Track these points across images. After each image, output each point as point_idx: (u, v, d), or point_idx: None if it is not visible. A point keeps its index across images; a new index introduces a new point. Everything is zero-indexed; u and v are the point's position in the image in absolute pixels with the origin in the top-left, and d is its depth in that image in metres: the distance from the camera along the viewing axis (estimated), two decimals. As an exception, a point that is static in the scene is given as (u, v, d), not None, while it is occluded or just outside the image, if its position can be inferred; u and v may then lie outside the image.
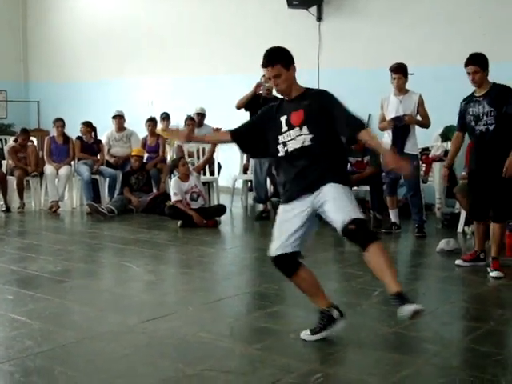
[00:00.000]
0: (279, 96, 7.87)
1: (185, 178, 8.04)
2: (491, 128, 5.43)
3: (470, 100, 5.61)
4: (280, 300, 4.83)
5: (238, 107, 8.10)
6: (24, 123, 12.83)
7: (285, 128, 3.82)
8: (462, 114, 5.67)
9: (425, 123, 7.14)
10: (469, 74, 5.48)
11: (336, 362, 3.67)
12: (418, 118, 7.12)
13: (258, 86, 7.96)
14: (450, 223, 7.61)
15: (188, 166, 8.18)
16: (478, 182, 5.62)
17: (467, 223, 7.20)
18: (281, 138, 3.83)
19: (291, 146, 3.79)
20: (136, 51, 11.98)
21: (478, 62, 5.45)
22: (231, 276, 5.82)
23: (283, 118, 3.85)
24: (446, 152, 8.19)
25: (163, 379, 3.39)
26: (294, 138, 3.78)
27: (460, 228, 7.32)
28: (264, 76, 8.07)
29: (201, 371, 3.47)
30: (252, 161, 8.24)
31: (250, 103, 7.97)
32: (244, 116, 8.49)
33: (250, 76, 9.89)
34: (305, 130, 3.76)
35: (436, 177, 8.15)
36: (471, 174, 5.77)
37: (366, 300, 4.77)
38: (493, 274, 5.41)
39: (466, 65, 5.49)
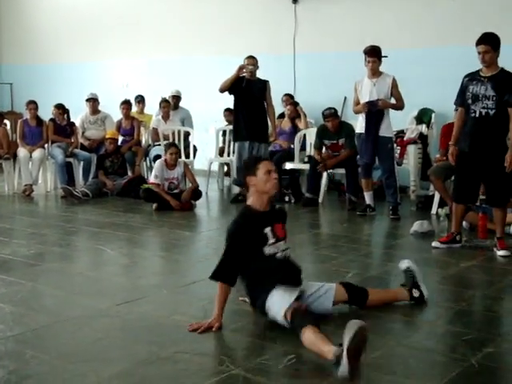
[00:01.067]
0: (262, 78, 7.99)
1: (171, 165, 7.99)
2: (491, 113, 5.39)
3: (473, 78, 5.52)
4: (254, 282, 4.82)
5: (222, 90, 8.07)
6: (-3, 106, 12.72)
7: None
8: (463, 89, 5.58)
9: (399, 106, 7.15)
10: (479, 53, 5.36)
11: (309, 343, 3.68)
12: (392, 100, 7.13)
13: (241, 68, 7.95)
14: (424, 205, 7.67)
15: (176, 157, 8.06)
16: (469, 165, 5.58)
17: (441, 205, 7.26)
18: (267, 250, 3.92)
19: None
20: (110, 33, 11.84)
21: (490, 42, 5.36)
22: (206, 259, 5.78)
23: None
24: (420, 135, 8.25)
25: (136, 362, 3.37)
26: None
27: (434, 210, 7.38)
28: (247, 58, 8.13)
29: (174, 354, 3.47)
30: (236, 144, 8.21)
31: (234, 86, 7.96)
32: (224, 99, 8.49)
33: (225, 58, 9.90)
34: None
35: (411, 159, 8.20)
36: (462, 155, 5.66)
37: (340, 282, 4.77)
38: (500, 252, 5.53)
39: (478, 43, 5.38)
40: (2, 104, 13.32)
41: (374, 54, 6.99)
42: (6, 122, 10.52)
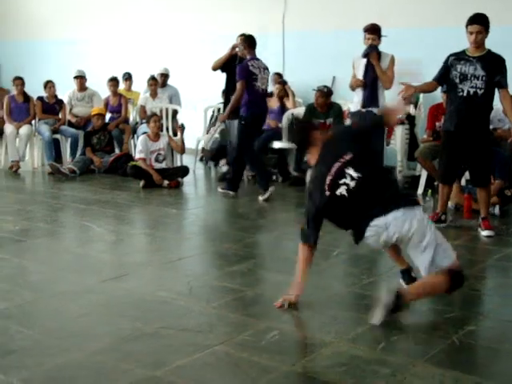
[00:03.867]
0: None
1: (154, 137, 7.98)
2: (480, 92, 5.42)
3: (460, 57, 5.53)
4: (239, 260, 4.85)
5: (214, 68, 8.02)
6: (-17, 82, 12.59)
7: None
8: (447, 68, 5.59)
9: (386, 79, 6.96)
10: (471, 33, 5.38)
11: (292, 320, 3.72)
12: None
13: (234, 47, 7.91)
14: (410, 186, 7.69)
15: (159, 124, 8.08)
16: (455, 145, 5.60)
17: (428, 186, 7.29)
18: None
19: None
20: (99, 9, 11.71)
21: (482, 22, 5.39)
22: (192, 236, 5.83)
23: None
24: (408, 115, 8.25)
25: (121, 337, 3.40)
26: None
27: (420, 190, 7.40)
28: (239, 37, 8.07)
29: (158, 329, 3.50)
30: (227, 122, 8.15)
31: (226, 64, 7.92)
32: (213, 77, 8.44)
33: (214, 35, 9.85)
34: None
35: (398, 140, 8.20)
36: (448, 135, 5.68)
37: (325, 260, 4.81)
38: (484, 233, 5.57)
39: (471, 23, 5.40)
40: (-11, 80, 13.19)
41: (374, 31, 6.91)
42: (-8, 97, 10.46)
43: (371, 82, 6.83)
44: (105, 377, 2.95)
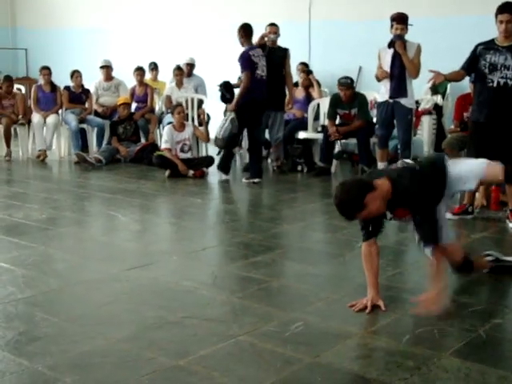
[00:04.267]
0: (283, 47, 7.82)
1: (179, 127, 7.99)
2: (510, 83, 5.35)
3: (489, 46, 5.45)
4: (264, 250, 4.84)
5: None
6: (11, 71, 12.64)
7: None
8: (475, 57, 5.51)
9: (413, 68, 6.88)
10: (501, 22, 5.32)
11: (317, 311, 3.69)
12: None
13: (263, 36, 7.89)
14: (437, 177, 7.60)
15: (184, 115, 8.10)
16: (484, 136, 5.53)
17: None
18: None
19: None
20: (129, 0, 11.77)
21: None
22: (216, 226, 5.83)
23: None
24: (435, 105, 8.16)
25: (145, 326, 3.41)
26: None
27: (447, 181, 7.31)
28: (269, 26, 8.04)
29: (182, 319, 3.50)
30: (272, 114, 8.14)
31: None
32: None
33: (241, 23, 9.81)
34: None
35: (425, 130, 8.14)
36: (477, 125, 5.61)
37: (350, 251, 4.79)
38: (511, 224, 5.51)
39: (501, 12, 5.32)
40: (17, 70, 13.28)
41: (401, 20, 6.85)
42: (21, 87, 10.55)
43: (398, 73, 6.77)
44: (129, 364, 2.95)
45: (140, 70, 9.65)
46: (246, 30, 7.48)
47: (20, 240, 4.96)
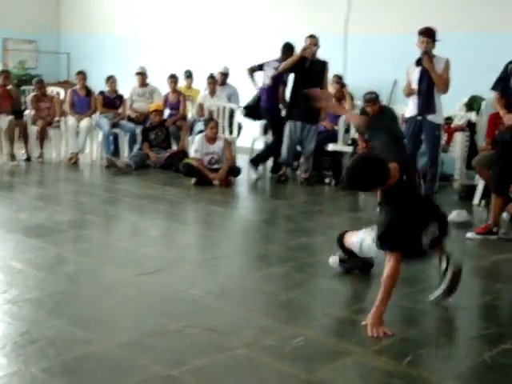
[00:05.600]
0: (322, 59, 7.92)
1: (211, 140, 8.00)
2: None
3: None
4: (278, 262, 4.80)
5: (283, 71, 8.11)
6: (54, 75, 12.89)
7: None
8: (507, 76, 5.42)
9: (442, 84, 6.77)
10: None
11: (321, 327, 3.62)
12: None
13: (305, 49, 7.90)
14: (467, 195, 7.45)
15: (216, 131, 8.08)
16: (510, 155, 5.42)
17: (484, 196, 7.05)
18: None
19: None
20: (162, 7, 11.87)
21: None
22: (234, 236, 5.81)
23: None
24: (468, 122, 8.01)
25: (145, 332, 3.39)
26: None
27: (476, 200, 7.17)
28: (309, 38, 8.04)
29: (183, 327, 3.47)
30: (288, 123, 8.13)
31: (296, 66, 7.94)
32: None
33: (275, 36, 9.80)
34: None
35: (457, 147, 7.98)
36: (503, 145, 5.50)
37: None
38: None
39: None
40: (59, 74, 13.49)
41: (426, 34, 6.75)
42: (59, 90, 10.71)
43: (426, 89, 6.67)
44: (120, 372, 2.93)
45: (173, 78, 9.70)
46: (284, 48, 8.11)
47: (38, 241, 5.00)
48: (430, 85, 6.68)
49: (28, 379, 2.84)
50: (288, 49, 8.18)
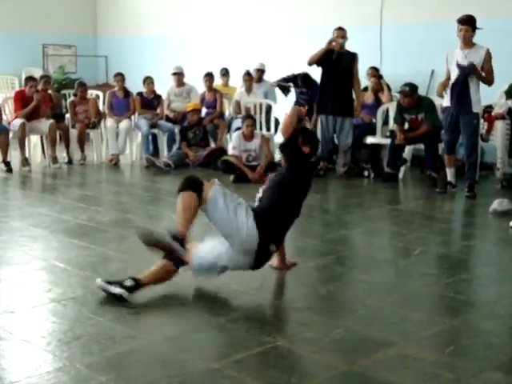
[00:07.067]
0: (351, 51, 7.89)
1: (248, 137, 8.03)
2: None
3: None
4: (317, 255, 4.81)
5: (310, 63, 8.08)
6: (92, 78, 13.07)
7: None
8: None
9: (487, 80, 6.76)
10: None
11: (360, 318, 3.61)
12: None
13: (331, 41, 7.89)
14: (509, 184, 7.34)
15: (252, 129, 8.12)
16: None
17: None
18: None
19: None
20: (196, 6, 11.94)
21: None
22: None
23: None
24: (509, 110, 7.86)
25: (187, 327, 3.45)
26: None
27: (519, 189, 7.06)
28: (337, 30, 8.01)
29: (224, 322, 3.50)
30: (320, 118, 8.13)
31: (323, 59, 7.92)
32: (309, 71, 8.44)
33: (310, 29, 9.80)
34: None
35: (498, 135, 7.85)
36: None
37: (405, 259, 4.68)
38: None
39: None
40: (98, 77, 13.69)
41: (466, 22, 6.65)
42: (98, 93, 10.85)
43: (462, 80, 6.61)
44: (162, 366, 2.97)
45: (209, 76, 9.74)
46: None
47: (80, 241, 5.09)
48: (464, 86, 6.64)
49: (73, 374, 2.90)
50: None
